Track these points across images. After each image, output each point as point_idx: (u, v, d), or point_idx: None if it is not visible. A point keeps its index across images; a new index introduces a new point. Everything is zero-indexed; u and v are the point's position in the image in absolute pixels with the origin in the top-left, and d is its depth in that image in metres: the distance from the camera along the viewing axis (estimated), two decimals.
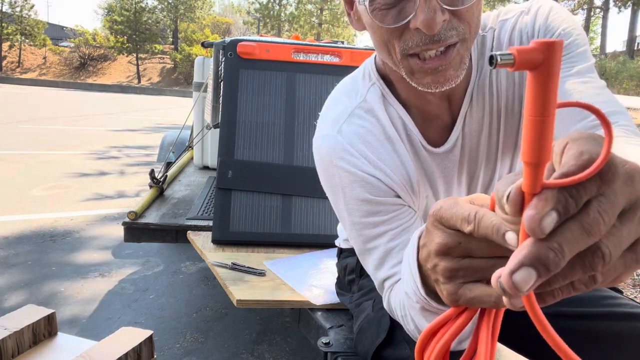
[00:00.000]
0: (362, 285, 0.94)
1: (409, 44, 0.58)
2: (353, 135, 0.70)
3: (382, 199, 0.69)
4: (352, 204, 0.70)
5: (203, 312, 2.11)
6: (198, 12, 34.61)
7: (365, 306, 0.86)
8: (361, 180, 0.68)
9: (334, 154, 0.70)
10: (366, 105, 0.73)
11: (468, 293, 0.37)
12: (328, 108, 0.76)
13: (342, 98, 0.75)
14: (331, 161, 0.70)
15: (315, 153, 0.75)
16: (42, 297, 2.16)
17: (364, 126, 0.71)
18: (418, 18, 0.54)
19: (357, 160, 0.69)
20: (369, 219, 0.69)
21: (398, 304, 0.65)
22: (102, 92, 23.46)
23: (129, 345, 0.72)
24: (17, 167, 4.84)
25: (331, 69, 1.78)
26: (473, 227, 0.33)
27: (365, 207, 0.69)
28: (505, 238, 0.30)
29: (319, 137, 0.74)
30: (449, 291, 0.38)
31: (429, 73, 0.59)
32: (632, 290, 2.46)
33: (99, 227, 3.14)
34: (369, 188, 0.68)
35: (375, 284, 0.73)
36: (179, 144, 2.98)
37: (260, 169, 1.69)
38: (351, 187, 0.69)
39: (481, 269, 0.36)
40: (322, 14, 30.19)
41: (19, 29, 30.78)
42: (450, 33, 0.57)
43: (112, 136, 7.69)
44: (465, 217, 0.34)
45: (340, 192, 0.71)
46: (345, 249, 1.05)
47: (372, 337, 0.75)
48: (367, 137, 0.70)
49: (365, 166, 0.69)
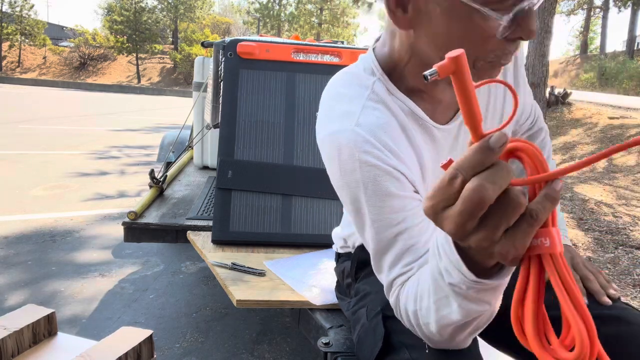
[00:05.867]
0: (357, 290, 0.93)
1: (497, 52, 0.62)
2: (374, 126, 0.68)
3: (406, 193, 0.67)
4: (374, 200, 0.67)
5: (203, 312, 2.11)
6: (198, 12, 34.62)
7: (360, 315, 0.84)
8: (386, 174, 0.67)
9: (356, 147, 0.67)
10: (376, 97, 0.72)
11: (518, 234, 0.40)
12: (330, 104, 0.75)
13: (347, 92, 0.74)
14: (352, 155, 0.67)
15: (328, 149, 0.71)
16: (42, 296, 2.16)
17: (379, 116, 0.70)
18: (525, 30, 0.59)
19: (381, 153, 0.67)
20: (392, 216, 0.67)
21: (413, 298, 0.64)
22: (102, 92, 23.46)
23: (129, 345, 0.72)
24: (17, 167, 4.84)
25: (331, 69, 1.78)
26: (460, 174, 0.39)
27: (389, 202, 0.67)
28: (490, 142, 0.38)
29: (332, 132, 0.70)
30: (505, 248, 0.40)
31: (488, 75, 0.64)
32: (632, 290, 2.46)
33: (99, 227, 3.14)
34: (394, 182, 0.67)
35: (384, 285, 0.71)
36: (178, 144, 2.98)
37: (260, 168, 1.69)
38: (375, 182, 0.67)
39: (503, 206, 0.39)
40: (322, 14, 30.19)
41: (19, 28, 30.79)
42: None
43: (112, 136, 7.69)
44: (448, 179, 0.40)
45: (361, 188, 0.68)
46: (342, 254, 1.04)
47: (370, 347, 0.73)
48: (387, 127, 0.69)
49: (390, 159, 0.67)
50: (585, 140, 7.57)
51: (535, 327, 0.41)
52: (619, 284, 2.54)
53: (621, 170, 5.57)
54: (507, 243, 0.40)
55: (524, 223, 0.39)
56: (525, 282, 0.42)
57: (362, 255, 0.93)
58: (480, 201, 0.38)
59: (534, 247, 0.41)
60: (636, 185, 4.86)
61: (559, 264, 0.40)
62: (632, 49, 25.56)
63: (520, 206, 0.39)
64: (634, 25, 25.84)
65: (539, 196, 0.40)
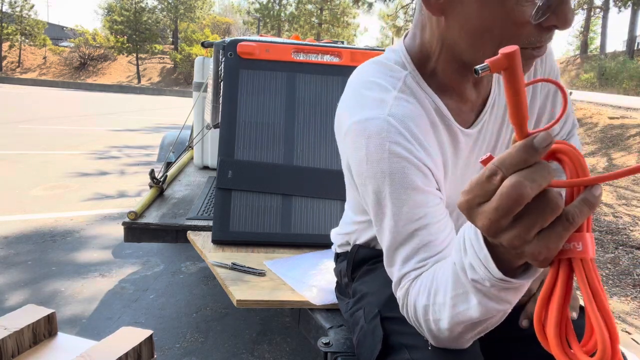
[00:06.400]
0: (354, 290, 0.92)
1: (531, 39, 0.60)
2: (406, 117, 0.67)
3: (430, 189, 0.67)
4: (399, 192, 0.66)
5: (203, 312, 2.11)
6: (198, 12, 34.62)
7: (358, 317, 0.84)
8: (414, 167, 0.66)
9: (387, 137, 0.66)
10: (408, 90, 0.71)
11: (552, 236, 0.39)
12: (361, 91, 0.72)
13: (379, 81, 0.72)
14: (382, 145, 0.66)
15: (355, 136, 0.69)
16: (42, 296, 2.16)
17: (412, 109, 0.69)
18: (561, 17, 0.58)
19: (412, 145, 0.66)
20: (414, 210, 0.66)
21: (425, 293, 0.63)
22: (102, 92, 23.46)
23: (129, 345, 0.71)
24: (17, 167, 4.84)
25: (331, 69, 1.78)
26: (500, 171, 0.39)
27: (413, 196, 0.66)
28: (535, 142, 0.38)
29: (361, 119, 0.68)
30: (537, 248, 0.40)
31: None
32: (632, 290, 2.46)
33: (99, 227, 3.14)
34: (420, 176, 0.66)
35: (394, 278, 0.70)
36: (179, 144, 2.98)
37: (260, 169, 1.69)
38: (402, 174, 0.66)
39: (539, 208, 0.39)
40: (322, 14, 30.19)
41: (19, 29, 30.79)
42: None
43: (112, 136, 7.69)
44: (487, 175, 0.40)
45: (387, 179, 0.66)
46: (340, 254, 1.04)
47: (370, 350, 0.73)
48: (418, 120, 0.69)
49: (419, 152, 0.67)
50: (586, 140, 7.57)
51: (558, 330, 0.41)
52: (619, 284, 2.54)
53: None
54: (540, 244, 0.40)
55: (560, 225, 0.39)
56: (552, 284, 0.42)
57: (359, 254, 0.93)
58: (518, 197, 0.37)
59: (565, 251, 0.40)
60: (636, 185, 4.86)
61: (589, 270, 0.40)
62: (632, 49, 25.56)
63: (557, 208, 0.38)
64: (634, 25, 25.84)
65: (577, 200, 0.39)
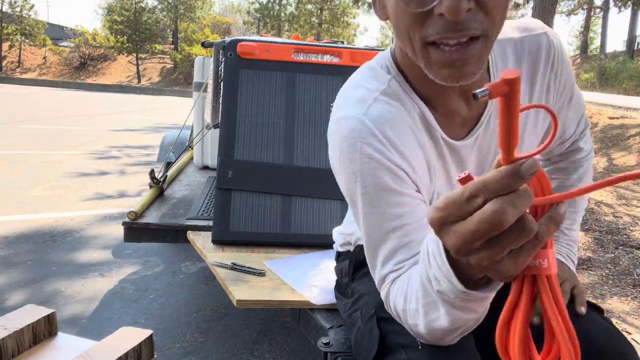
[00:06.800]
0: (353, 290, 0.93)
1: (429, 31, 0.57)
2: (381, 119, 0.67)
3: (405, 190, 0.66)
4: (371, 193, 0.67)
5: (203, 312, 2.11)
6: (198, 12, 34.61)
7: (355, 318, 0.84)
8: (386, 169, 0.66)
9: (359, 137, 0.66)
10: (390, 92, 0.70)
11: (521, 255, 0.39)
12: (346, 94, 0.74)
13: (364, 83, 0.72)
14: (354, 145, 0.66)
15: (332, 135, 0.70)
16: (42, 296, 2.16)
17: (390, 111, 0.68)
18: (443, 3, 0.54)
19: (384, 147, 0.66)
20: (389, 210, 0.66)
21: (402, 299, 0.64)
22: (102, 92, 23.46)
23: (129, 345, 0.71)
24: (17, 167, 4.84)
25: (331, 69, 1.78)
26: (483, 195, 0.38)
27: (386, 196, 0.66)
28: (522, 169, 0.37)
29: (340, 117, 0.70)
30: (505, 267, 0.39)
31: (447, 65, 0.58)
32: (632, 290, 2.46)
33: (99, 227, 3.14)
34: (393, 177, 0.66)
35: (376, 279, 0.71)
36: (179, 144, 2.98)
37: (260, 169, 1.69)
38: (373, 175, 0.66)
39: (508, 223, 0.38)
40: (322, 14, 30.18)
41: (19, 29, 30.78)
42: (474, 25, 0.56)
43: (112, 136, 7.69)
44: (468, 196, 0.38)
45: (359, 179, 0.67)
46: (342, 252, 1.04)
47: (367, 350, 0.74)
48: (395, 122, 0.68)
49: (392, 155, 0.66)
50: None
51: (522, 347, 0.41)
52: (619, 284, 2.54)
53: (621, 170, 5.57)
54: (508, 262, 0.39)
55: (529, 245, 0.39)
56: (516, 301, 0.42)
57: (361, 255, 0.93)
58: (499, 224, 0.37)
59: (531, 267, 0.41)
60: (636, 185, 4.86)
61: (553, 286, 0.40)
62: (632, 49, 25.56)
63: (532, 232, 0.38)
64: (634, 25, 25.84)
65: (544, 218, 0.39)
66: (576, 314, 0.78)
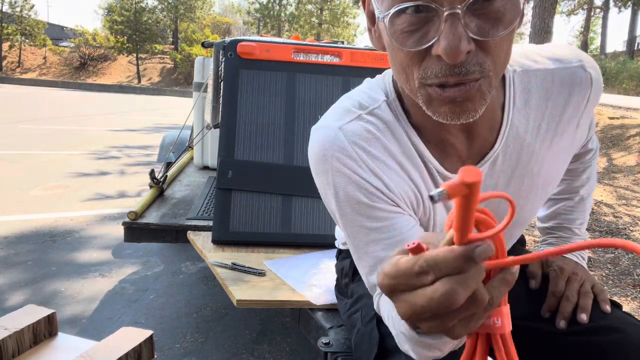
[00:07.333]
0: (353, 291, 0.93)
1: (428, 73, 0.53)
2: (356, 136, 0.64)
3: (378, 205, 0.64)
4: (344, 205, 0.65)
5: (203, 312, 2.11)
6: (198, 12, 34.62)
7: (355, 320, 0.84)
8: (356, 184, 0.64)
9: (330, 150, 0.64)
10: (379, 113, 0.67)
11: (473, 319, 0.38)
12: (339, 102, 0.71)
13: (356, 97, 0.70)
14: (325, 156, 0.65)
15: (311, 141, 0.68)
16: (42, 297, 2.16)
17: (369, 130, 0.65)
18: (441, 44, 0.49)
19: (354, 163, 0.64)
20: (363, 224, 0.65)
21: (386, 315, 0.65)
22: (102, 92, 23.46)
23: (129, 345, 0.71)
24: (17, 167, 4.84)
25: (331, 69, 1.78)
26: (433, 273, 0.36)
27: (360, 209, 0.64)
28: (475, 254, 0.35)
29: (319, 126, 0.68)
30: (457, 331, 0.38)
31: (447, 102, 0.54)
32: (632, 290, 2.46)
33: (99, 227, 3.14)
34: (364, 192, 0.64)
35: (367, 286, 0.71)
36: (179, 144, 2.98)
37: (260, 169, 1.69)
38: (345, 188, 0.64)
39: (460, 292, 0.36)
40: (322, 14, 30.19)
41: (19, 29, 30.80)
42: (474, 68, 0.51)
43: (112, 136, 7.69)
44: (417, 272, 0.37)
45: (332, 189, 0.65)
46: (343, 250, 1.04)
47: (366, 353, 0.74)
48: (371, 142, 0.64)
49: (363, 172, 0.64)
50: None
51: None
52: (619, 284, 2.54)
53: (621, 170, 5.57)
54: (459, 327, 0.38)
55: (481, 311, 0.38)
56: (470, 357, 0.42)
57: None
58: (449, 305, 0.35)
59: (485, 326, 0.40)
60: (636, 185, 4.86)
61: (507, 344, 0.40)
62: (632, 49, 25.57)
63: (483, 302, 0.37)
64: (634, 25, 25.85)
65: (496, 280, 0.38)
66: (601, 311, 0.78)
